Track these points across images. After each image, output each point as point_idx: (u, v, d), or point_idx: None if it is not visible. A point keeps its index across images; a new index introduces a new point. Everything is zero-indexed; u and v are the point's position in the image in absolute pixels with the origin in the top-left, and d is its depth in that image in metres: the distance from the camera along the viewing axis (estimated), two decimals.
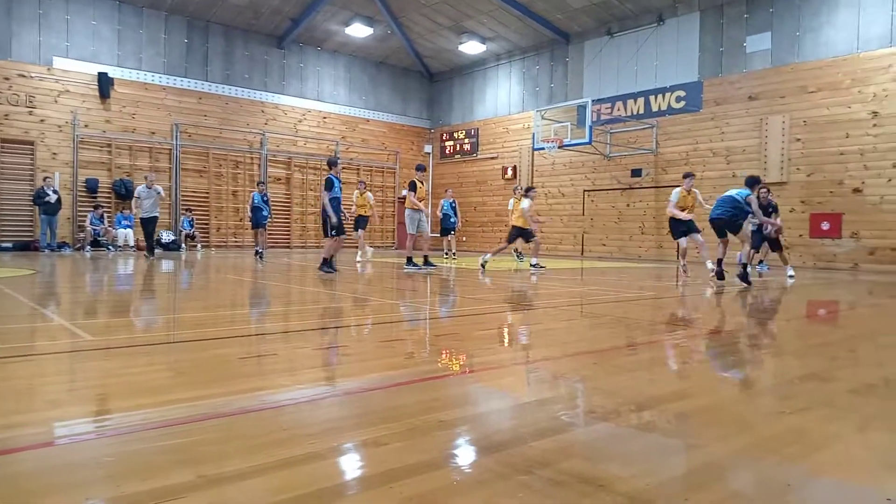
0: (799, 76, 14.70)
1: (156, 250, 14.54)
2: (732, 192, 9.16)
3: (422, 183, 11.23)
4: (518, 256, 15.42)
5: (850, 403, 2.67)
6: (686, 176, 10.40)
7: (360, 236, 15.19)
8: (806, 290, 8.93)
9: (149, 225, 13.66)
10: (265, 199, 14.58)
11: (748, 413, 2.52)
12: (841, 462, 1.98)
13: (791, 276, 10.38)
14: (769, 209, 11.29)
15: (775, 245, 11.20)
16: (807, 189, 14.54)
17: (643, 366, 3.48)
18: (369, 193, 15.23)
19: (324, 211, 9.84)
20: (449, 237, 15.74)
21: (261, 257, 14.02)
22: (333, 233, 9.77)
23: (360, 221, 14.89)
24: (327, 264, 9.70)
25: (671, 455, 2.04)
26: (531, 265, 11.90)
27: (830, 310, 6.77)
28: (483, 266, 11.22)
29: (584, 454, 1.96)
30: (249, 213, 14.68)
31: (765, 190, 11.49)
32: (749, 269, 9.33)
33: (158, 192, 13.65)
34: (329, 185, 9.75)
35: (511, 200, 15.20)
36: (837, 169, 14.05)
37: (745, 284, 8.74)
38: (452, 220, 15.81)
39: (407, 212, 11.06)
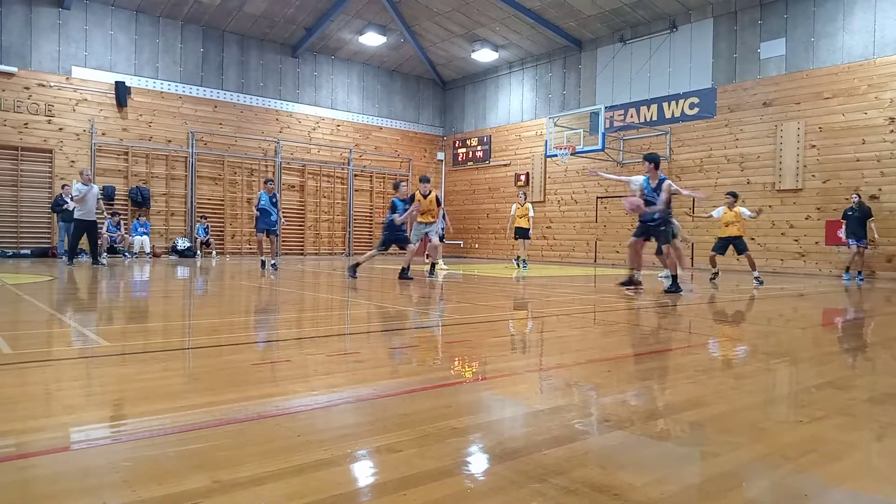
0: (814, 82, 14.59)
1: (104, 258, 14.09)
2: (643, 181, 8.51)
3: (424, 195, 10.95)
4: (517, 263, 15.48)
5: (867, 412, 2.64)
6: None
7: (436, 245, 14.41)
8: (822, 298, 8.84)
9: (91, 230, 12.86)
10: (274, 200, 12.79)
11: (764, 421, 2.50)
12: (859, 471, 1.95)
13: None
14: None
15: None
16: (822, 196, 14.40)
17: (657, 374, 3.46)
18: (435, 192, 14.45)
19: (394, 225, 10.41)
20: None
21: (274, 267, 12.54)
22: (411, 245, 10.53)
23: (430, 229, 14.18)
24: (405, 273, 10.25)
25: (686, 464, 2.02)
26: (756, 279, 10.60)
27: (846, 318, 6.69)
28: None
29: (598, 462, 1.95)
30: (256, 214, 12.81)
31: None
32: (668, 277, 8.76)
33: (96, 192, 12.79)
34: (392, 209, 10.39)
35: (514, 206, 14.97)
36: (853, 176, 13.91)
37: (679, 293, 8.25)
38: (441, 227, 16.24)
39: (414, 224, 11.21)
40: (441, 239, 16.17)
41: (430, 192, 11.07)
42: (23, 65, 16.35)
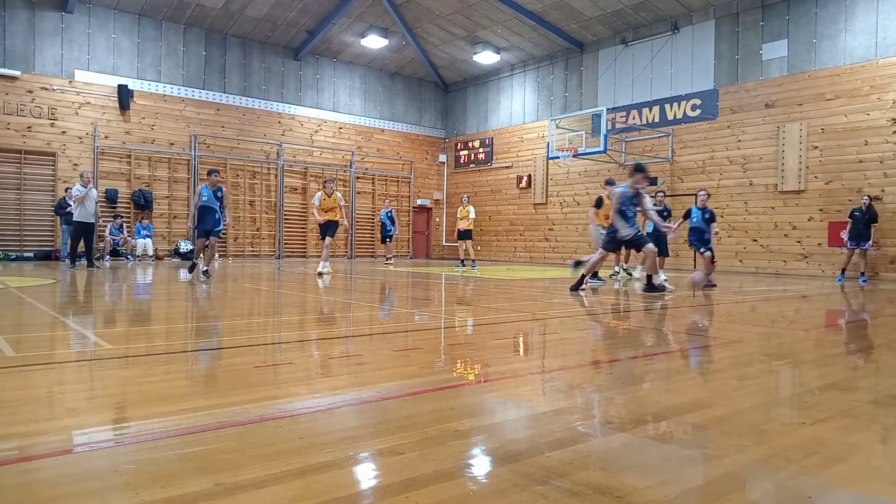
0: (816, 83, 14.58)
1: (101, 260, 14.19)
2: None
3: (609, 198, 10.94)
4: (462, 264, 15.85)
5: (871, 414, 2.63)
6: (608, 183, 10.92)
7: (327, 244, 12.82)
8: (825, 299, 8.82)
9: (89, 231, 13.00)
10: (220, 195, 10.36)
11: (767, 423, 2.49)
12: (862, 473, 1.95)
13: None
14: (664, 213, 11.45)
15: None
16: (825, 197, 14.38)
17: (660, 375, 3.46)
18: (338, 194, 12.58)
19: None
20: (387, 244, 17.84)
21: (206, 274, 10.37)
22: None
23: (330, 228, 12.59)
24: (596, 277, 9.92)
25: (689, 466, 2.02)
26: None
27: (849, 320, 6.67)
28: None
29: (601, 465, 1.95)
30: (194, 212, 10.42)
31: (661, 193, 12.28)
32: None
33: (95, 194, 12.84)
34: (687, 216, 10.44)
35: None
36: (856, 177, 13.89)
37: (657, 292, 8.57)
38: (389, 228, 17.42)
39: (591, 227, 11.26)
40: (389, 239, 17.66)
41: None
42: (26, 68, 16.40)
